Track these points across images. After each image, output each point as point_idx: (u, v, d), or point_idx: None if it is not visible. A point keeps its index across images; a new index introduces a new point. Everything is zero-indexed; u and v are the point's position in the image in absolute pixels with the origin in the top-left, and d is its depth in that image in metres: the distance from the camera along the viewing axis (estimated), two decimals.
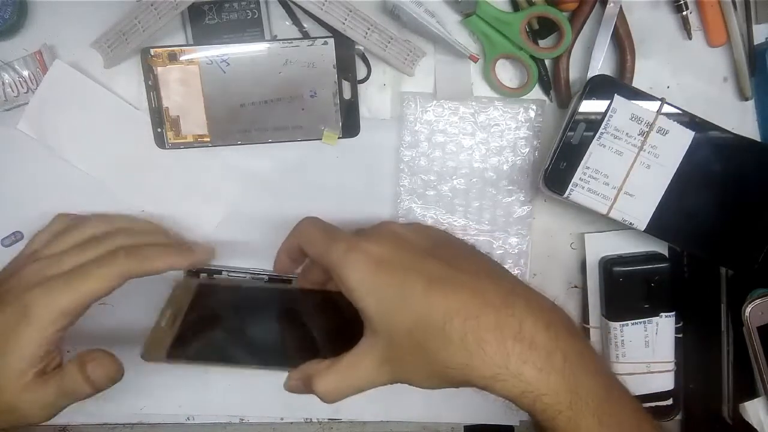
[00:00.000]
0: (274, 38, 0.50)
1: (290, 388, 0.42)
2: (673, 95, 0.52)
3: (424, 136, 0.52)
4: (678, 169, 0.47)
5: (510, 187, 0.53)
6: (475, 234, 0.54)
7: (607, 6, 0.49)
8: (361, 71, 0.51)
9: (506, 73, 0.52)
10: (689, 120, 0.47)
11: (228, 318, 0.50)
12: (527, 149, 0.52)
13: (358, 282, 0.38)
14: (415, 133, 0.52)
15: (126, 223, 0.49)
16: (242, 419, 0.57)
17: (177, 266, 0.46)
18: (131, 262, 0.43)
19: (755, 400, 0.51)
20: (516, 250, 0.54)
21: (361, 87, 0.51)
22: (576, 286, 0.55)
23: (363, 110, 0.52)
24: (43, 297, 0.40)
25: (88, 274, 0.42)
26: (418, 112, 0.52)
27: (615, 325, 0.52)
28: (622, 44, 0.50)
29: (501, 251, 0.54)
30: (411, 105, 0.52)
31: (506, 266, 0.54)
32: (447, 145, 0.53)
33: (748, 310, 0.49)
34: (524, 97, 0.52)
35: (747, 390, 0.52)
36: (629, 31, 0.50)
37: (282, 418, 0.57)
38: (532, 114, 0.52)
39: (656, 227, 0.48)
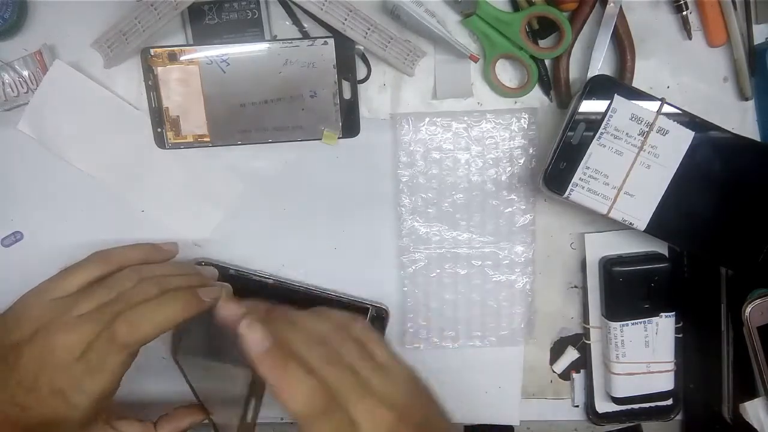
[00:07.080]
0: (274, 38, 0.50)
1: None
2: (673, 95, 0.52)
3: (420, 155, 0.52)
4: (678, 169, 0.47)
5: (510, 197, 0.53)
6: (479, 246, 0.53)
7: (607, 6, 0.49)
8: (361, 71, 0.51)
9: (506, 73, 0.52)
10: (689, 120, 0.47)
11: None
12: (523, 158, 0.52)
13: None
14: (411, 153, 0.52)
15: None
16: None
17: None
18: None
19: (755, 400, 0.51)
20: (523, 259, 0.54)
21: (361, 87, 0.51)
22: (576, 286, 0.55)
23: (363, 110, 0.52)
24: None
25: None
26: (411, 132, 0.52)
27: (615, 325, 0.52)
28: (622, 44, 0.50)
29: (507, 261, 0.54)
30: (404, 126, 0.52)
31: (514, 275, 0.54)
32: (443, 161, 0.52)
33: (748, 310, 0.49)
34: (521, 99, 0.52)
35: (747, 390, 0.52)
36: (629, 31, 0.50)
37: (282, 419, 0.57)
38: (524, 123, 0.52)
39: (656, 227, 0.48)
